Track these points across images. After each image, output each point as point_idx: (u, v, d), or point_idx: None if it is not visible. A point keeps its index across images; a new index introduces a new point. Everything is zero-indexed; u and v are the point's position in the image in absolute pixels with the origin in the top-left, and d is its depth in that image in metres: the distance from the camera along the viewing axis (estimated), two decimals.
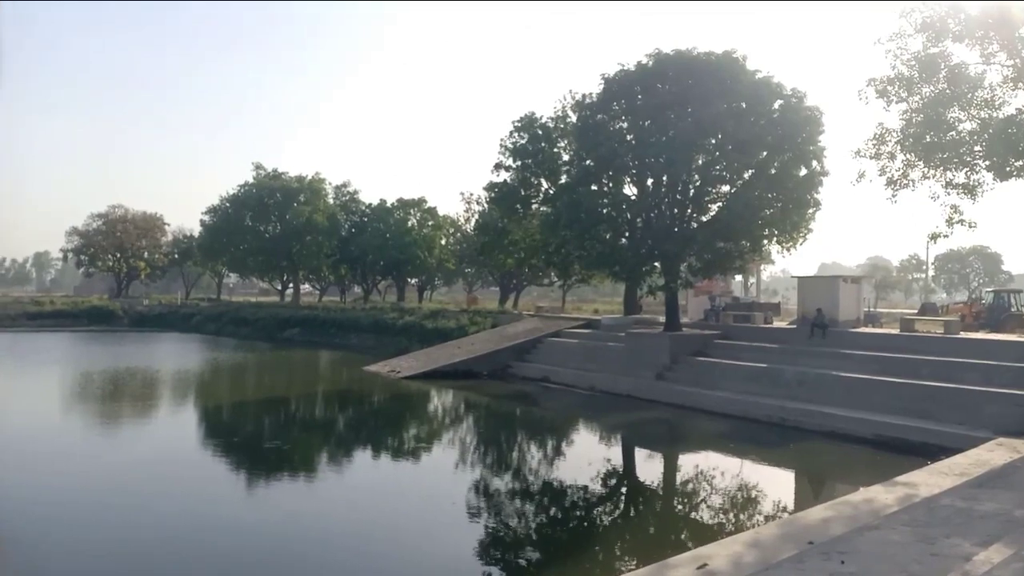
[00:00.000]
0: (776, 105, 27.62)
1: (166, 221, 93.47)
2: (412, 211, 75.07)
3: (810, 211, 28.15)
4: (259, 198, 72.83)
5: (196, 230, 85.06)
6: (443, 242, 75.09)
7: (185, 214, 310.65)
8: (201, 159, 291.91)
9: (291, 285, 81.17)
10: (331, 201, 76.14)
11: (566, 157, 40.01)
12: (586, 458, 18.06)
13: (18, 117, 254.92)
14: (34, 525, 11.79)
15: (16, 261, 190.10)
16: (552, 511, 13.90)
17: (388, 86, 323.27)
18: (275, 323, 57.99)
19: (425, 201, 75.21)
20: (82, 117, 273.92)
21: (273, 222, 73.50)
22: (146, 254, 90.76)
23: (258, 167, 75.50)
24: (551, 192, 39.55)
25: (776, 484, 16.05)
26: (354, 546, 11.30)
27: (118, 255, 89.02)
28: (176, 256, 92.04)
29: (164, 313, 70.96)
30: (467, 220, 71.00)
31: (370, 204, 77.95)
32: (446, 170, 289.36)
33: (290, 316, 58.80)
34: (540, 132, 41.66)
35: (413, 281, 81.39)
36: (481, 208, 62.80)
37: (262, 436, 21.16)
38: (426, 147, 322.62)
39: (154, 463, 16.66)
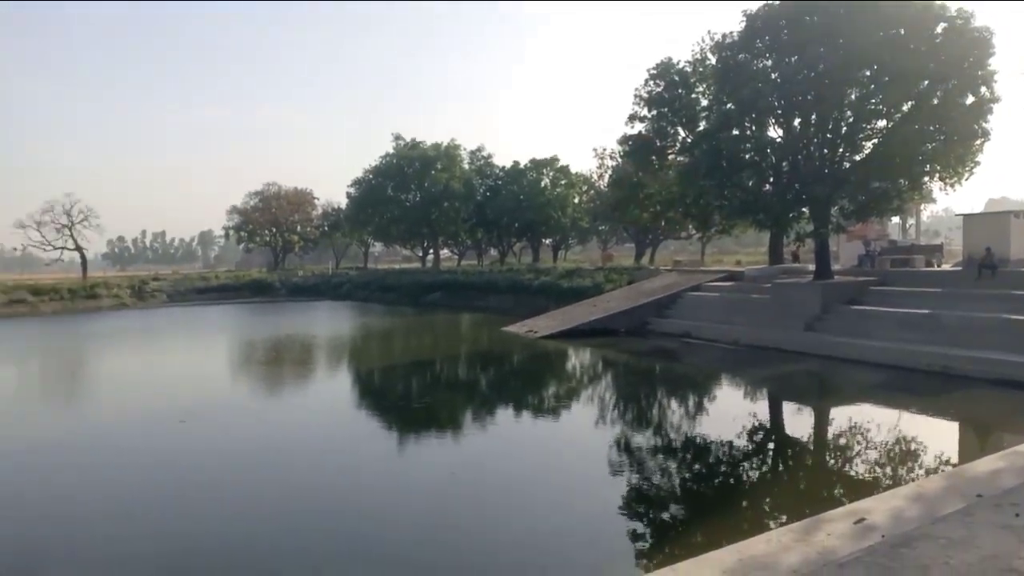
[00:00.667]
0: (939, 29, 25.10)
1: (316, 195, 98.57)
2: (545, 171, 75.09)
3: (977, 143, 25.56)
4: (399, 168, 75.25)
5: (343, 202, 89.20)
6: (576, 200, 74.71)
7: (333, 188, 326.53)
8: (347, 135, 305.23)
9: (431, 251, 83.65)
10: (466, 166, 77.44)
11: (705, 103, 38.52)
12: (731, 413, 17.51)
13: (185, 109, 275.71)
14: (218, 475, 12.87)
15: (183, 240, 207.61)
16: (697, 467, 13.60)
17: (518, 48, 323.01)
18: (418, 288, 60.11)
19: (557, 160, 74.95)
20: (240, 103, 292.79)
21: (413, 191, 75.78)
22: (299, 228, 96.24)
23: (397, 138, 77.82)
24: (689, 141, 38.26)
25: (938, 435, 14.92)
26: (502, 502, 11.53)
27: (274, 230, 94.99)
28: (326, 228, 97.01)
29: (317, 283, 75.13)
30: (600, 176, 70.19)
31: (503, 167, 78.64)
32: (578, 128, 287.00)
33: (431, 281, 60.70)
34: (677, 78, 40.22)
35: (547, 241, 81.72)
36: (615, 163, 61.85)
37: (411, 396, 22.05)
38: (558, 106, 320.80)
39: (316, 422, 17.74)
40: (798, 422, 17.53)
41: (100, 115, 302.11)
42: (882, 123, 27.04)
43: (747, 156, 28.87)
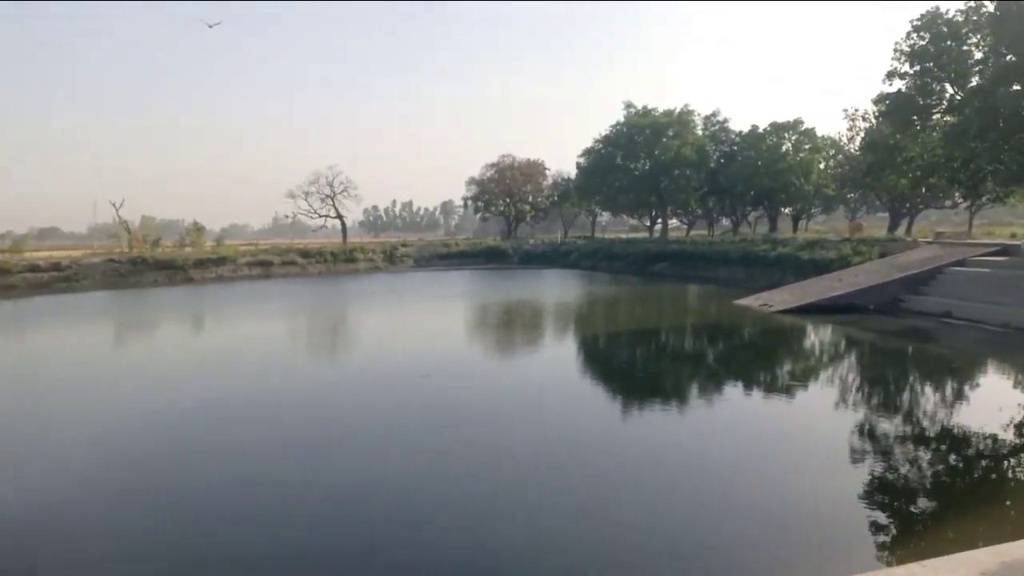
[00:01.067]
0: None
1: (547, 166, 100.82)
2: (786, 135, 70.51)
3: None
4: (629, 136, 74.60)
5: (572, 173, 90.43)
6: (821, 166, 69.42)
7: (563, 159, 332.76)
8: (579, 104, 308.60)
9: (659, 220, 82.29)
10: (700, 133, 74.89)
11: (978, 55, 33.94)
12: (996, 403, 15.47)
13: (429, 89, 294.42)
14: (454, 431, 13.81)
15: (427, 209, 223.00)
16: (952, 459, 12.18)
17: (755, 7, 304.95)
18: (644, 258, 59.60)
19: (801, 123, 70.02)
20: (476, 79, 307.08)
21: (642, 159, 74.86)
22: (530, 198, 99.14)
23: (628, 106, 77.11)
24: (958, 98, 33.99)
25: None
26: (727, 477, 11.17)
27: (507, 200, 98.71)
28: (555, 198, 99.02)
29: (546, 251, 77.20)
30: (850, 140, 64.58)
31: (740, 132, 74.99)
32: (826, 87, 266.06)
33: (659, 251, 59.86)
34: (945, 29, 35.75)
35: (787, 211, 76.95)
36: (868, 125, 56.60)
37: (635, 364, 22.01)
38: (801, 66, 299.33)
39: (542, 384, 18.33)
40: None
41: (360, 96, 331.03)
42: None
43: None
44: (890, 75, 38.03)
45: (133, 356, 25.16)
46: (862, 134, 58.47)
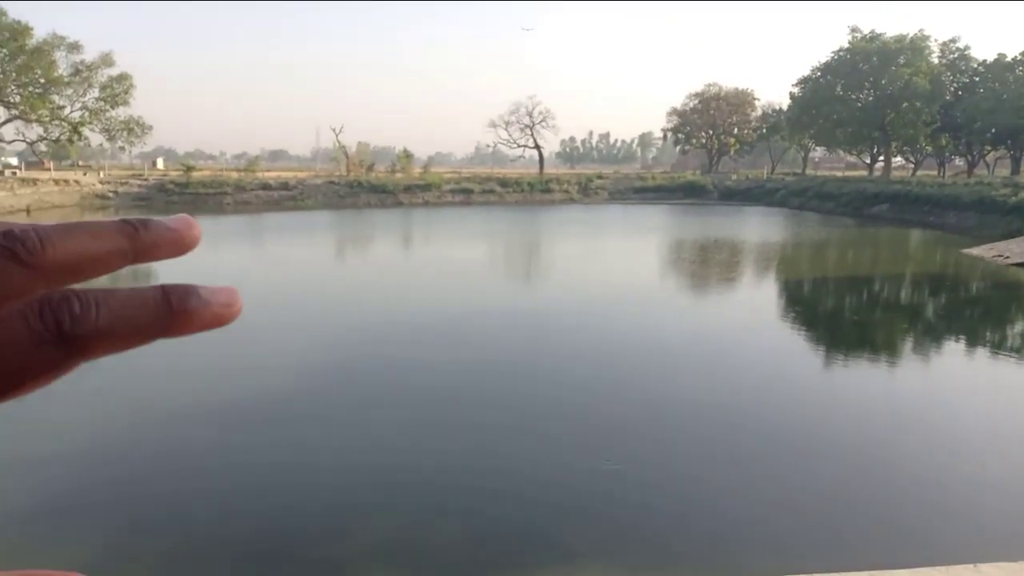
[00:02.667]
0: None
1: (756, 96, 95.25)
2: None
3: None
4: (852, 64, 68.42)
5: (785, 104, 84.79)
6: None
7: (775, 88, 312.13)
8: (795, 28, 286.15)
9: (881, 158, 75.37)
10: (935, 61, 67.04)
11: None
12: None
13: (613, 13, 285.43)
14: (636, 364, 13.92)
15: (624, 141, 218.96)
16: None
17: None
18: (861, 198, 55.15)
19: None
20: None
21: (867, 90, 68.55)
22: (736, 130, 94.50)
23: (854, 30, 70.52)
24: None
25: None
26: (936, 443, 10.39)
27: (710, 132, 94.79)
28: (764, 131, 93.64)
29: (750, 187, 73.60)
30: None
31: (983, 61, 66.21)
32: None
33: (878, 191, 55.08)
34: None
35: None
36: None
37: (842, 311, 20.75)
38: None
39: (736, 326, 17.84)
40: None
41: (564, 23, 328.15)
42: None
43: None
44: None
45: (354, 270, 27.49)
46: None
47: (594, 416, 10.83)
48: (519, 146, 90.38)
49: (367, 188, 64.36)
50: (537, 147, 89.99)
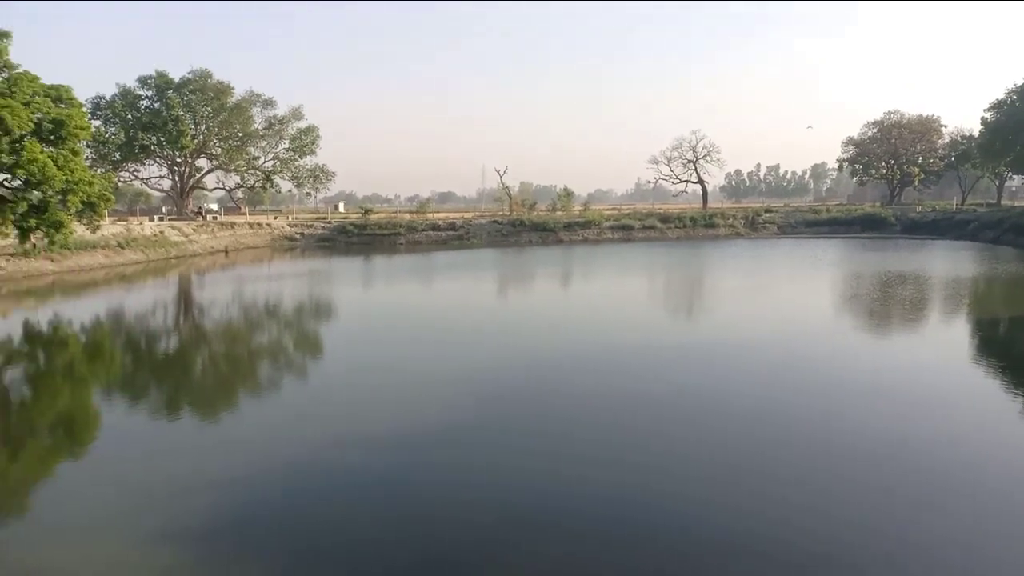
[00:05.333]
0: None
1: (942, 123, 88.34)
2: None
3: None
4: None
5: (975, 130, 77.95)
6: None
7: (964, 114, 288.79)
8: (983, 51, 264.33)
9: None
10: None
11: None
12: None
13: (787, 43, 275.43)
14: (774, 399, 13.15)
15: (795, 173, 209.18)
16: None
17: None
18: None
19: None
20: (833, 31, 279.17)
21: None
22: (920, 159, 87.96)
23: None
24: None
25: None
26: None
27: (891, 162, 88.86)
28: (952, 159, 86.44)
29: (937, 220, 68.00)
30: None
31: None
32: None
33: None
34: None
35: None
36: None
37: None
38: None
39: (920, 369, 16.43)
40: None
41: (718, 57, 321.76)
42: None
43: None
44: None
45: (516, 304, 28.10)
46: None
47: (769, 461, 10.34)
48: (681, 181, 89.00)
49: (529, 226, 65.79)
50: (701, 181, 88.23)
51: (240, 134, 71.02)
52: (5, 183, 34.39)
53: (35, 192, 33.53)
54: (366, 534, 8.19)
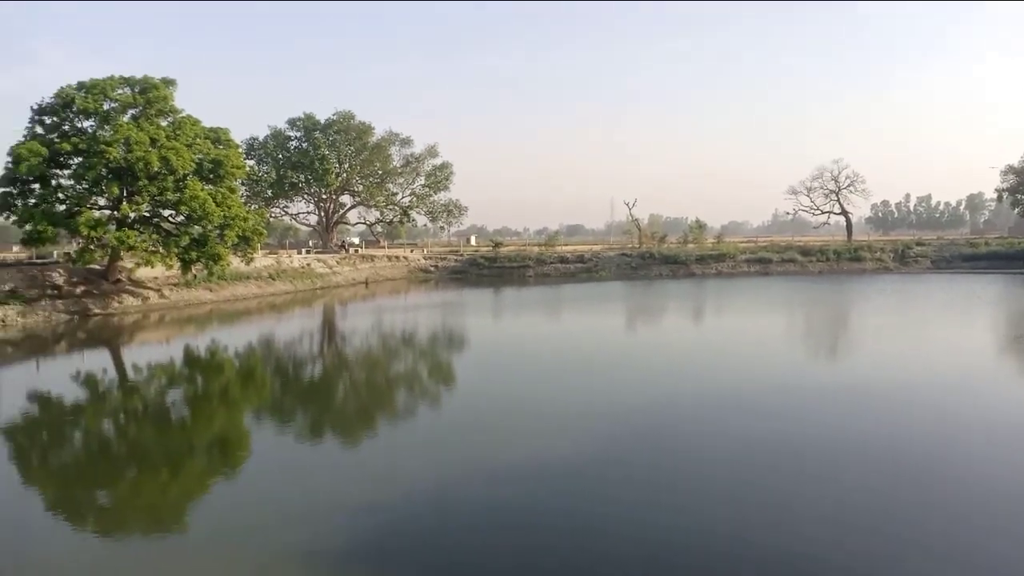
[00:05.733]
0: None
1: None
2: None
3: None
4: None
5: None
6: None
7: None
8: None
9: None
10: None
11: None
12: None
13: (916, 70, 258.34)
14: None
15: (949, 204, 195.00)
16: None
17: None
18: None
19: None
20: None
21: None
22: None
23: None
24: None
25: None
26: None
27: None
28: None
29: None
30: None
31: None
32: None
33: None
34: None
35: None
36: None
37: None
38: None
39: None
40: None
41: (861, 82, 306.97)
42: None
43: None
44: None
45: (651, 337, 27.55)
46: None
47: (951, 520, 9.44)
48: (823, 212, 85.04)
49: (659, 259, 64.72)
50: (844, 212, 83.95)
51: (380, 171, 74.54)
52: (170, 218, 37.47)
53: (196, 227, 36.32)
54: (497, 564, 8.08)
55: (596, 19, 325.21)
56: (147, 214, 36.27)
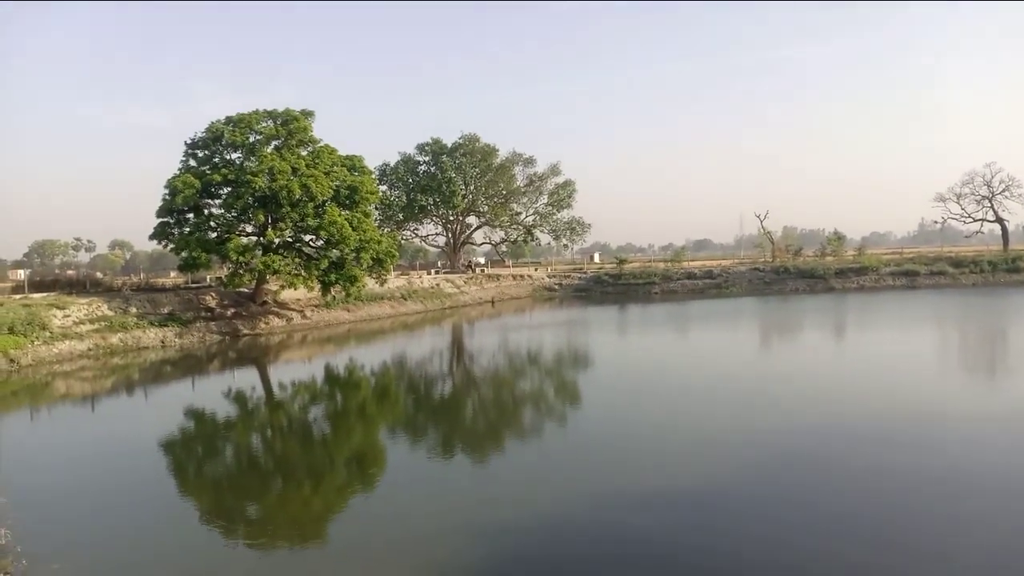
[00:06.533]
0: None
1: None
2: None
3: None
4: None
5: None
6: None
7: None
8: None
9: None
10: None
11: None
12: None
13: None
14: None
15: None
16: None
17: None
18: None
19: None
20: None
21: None
22: None
23: None
24: None
25: None
26: None
27: None
28: None
29: None
30: None
31: None
32: None
33: None
34: None
35: None
36: None
37: None
38: None
39: None
40: None
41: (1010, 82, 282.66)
42: None
43: None
44: None
45: (787, 358, 26.36)
46: None
47: None
48: (975, 220, 78.75)
49: (794, 273, 61.98)
50: (999, 220, 77.27)
51: (504, 192, 75.71)
52: (311, 243, 39.58)
53: (334, 250, 38.17)
54: None
55: (712, 23, 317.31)
56: (290, 239, 38.45)
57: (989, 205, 77.05)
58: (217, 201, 37.68)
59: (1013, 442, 13.31)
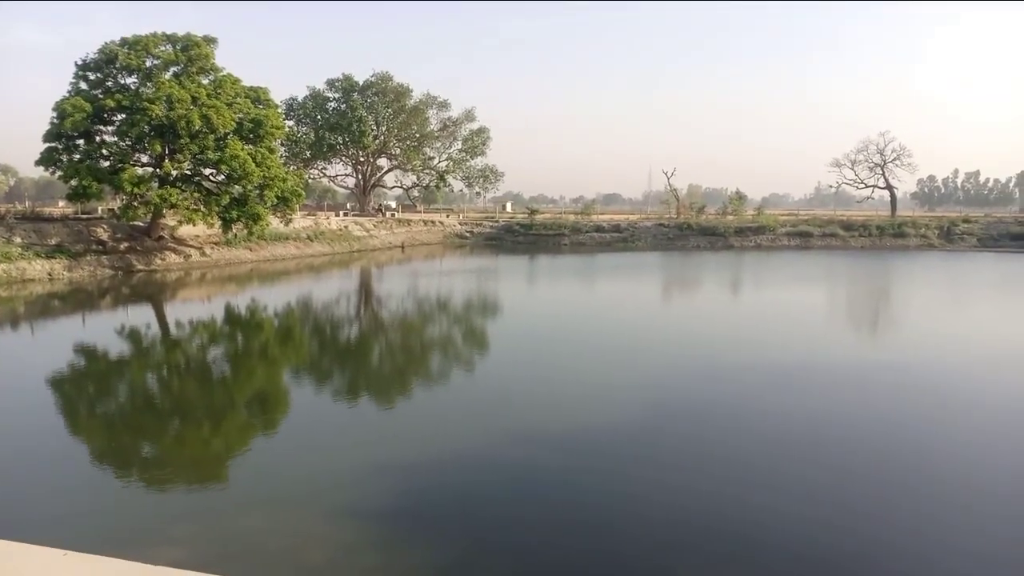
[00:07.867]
0: None
1: None
2: None
3: None
4: None
5: None
6: None
7: None
8: None
9: None
10: None
11: None
12: None
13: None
14: None
15: (999, 181, 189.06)
16: None
17: None
18: None
19: None
20: None
21: None
22: None
23: None
24: None
25: None
26: None
27: None
28: None
29: None
30: None
31: None
32: None
33: None
34: None
35: None
36: None
37: None
38: None
39: None
40: None
41: (905, 55, 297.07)
42: None
43: None
44: None
45: (686, 310, 27.33)
46: None
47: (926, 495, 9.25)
48: (867, 186, 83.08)
49: (696, 230, 63.96)
50: (889, 187, 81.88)
51: (417, 135, 74.26)
52: (211, 177, 37.85)
53: (236, 186, 36.66)
54: (531, 534, 8.12)
55: None
56: (188, 172, 36.67)
57: (881, 172, 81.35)
58: (110, 128, 35.46)
59: (883, 382, 14.33)
